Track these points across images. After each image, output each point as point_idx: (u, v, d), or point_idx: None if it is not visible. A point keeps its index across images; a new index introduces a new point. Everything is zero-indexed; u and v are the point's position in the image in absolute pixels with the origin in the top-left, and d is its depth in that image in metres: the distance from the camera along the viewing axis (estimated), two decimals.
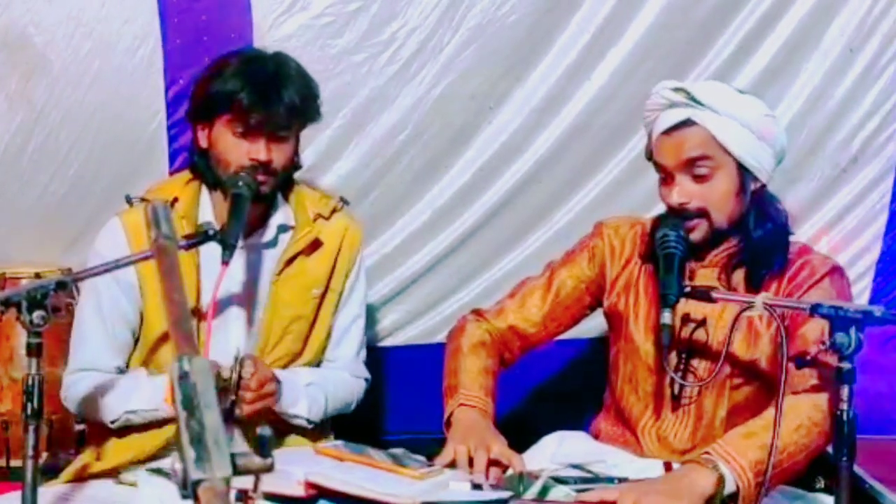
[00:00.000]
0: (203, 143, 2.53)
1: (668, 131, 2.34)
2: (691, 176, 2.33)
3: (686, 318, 2.42)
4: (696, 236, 2.35)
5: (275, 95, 2.44)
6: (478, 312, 2.66)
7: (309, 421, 2.56)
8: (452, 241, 3.33)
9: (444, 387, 2.50)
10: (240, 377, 2.33)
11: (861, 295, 3.32)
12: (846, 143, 3.32)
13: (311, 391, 2.57)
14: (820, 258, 2.46)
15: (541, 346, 2.65)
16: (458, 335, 2.60)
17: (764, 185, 2.40)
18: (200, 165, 2.55)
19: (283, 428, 2.54)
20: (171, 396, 2.38)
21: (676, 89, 2.33)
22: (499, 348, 2.59)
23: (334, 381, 2.66)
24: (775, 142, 2.37)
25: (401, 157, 3.26)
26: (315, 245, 2.61)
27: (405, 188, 3.29)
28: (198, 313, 2.46)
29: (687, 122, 2.32)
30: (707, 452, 2.15)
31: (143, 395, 2.47)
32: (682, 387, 2.44)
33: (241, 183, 2.42)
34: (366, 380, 2.77)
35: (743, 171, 2.35)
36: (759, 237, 2.39)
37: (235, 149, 2.46)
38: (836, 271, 2.42)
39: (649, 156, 2.43)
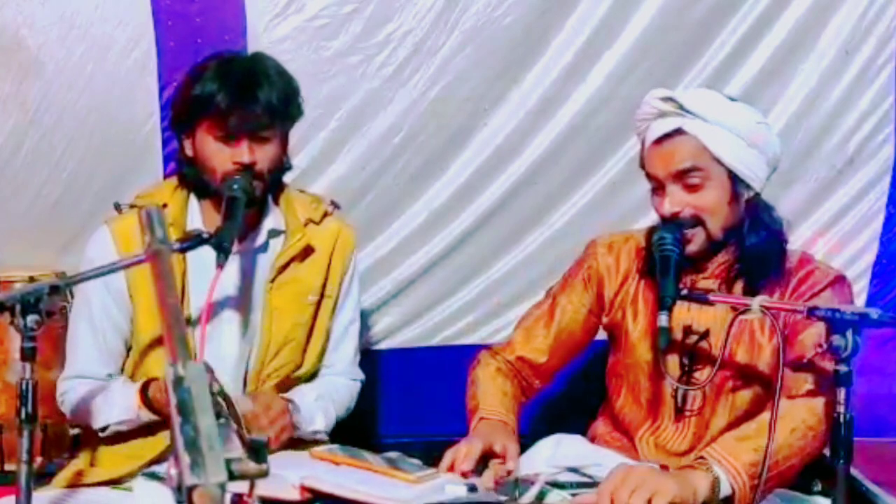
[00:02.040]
0: (188, 152, 2.50)
1: (659, 141, 2.33)
2: (683, 185, 2.32)
3: (689, 329, 2.42)
4: (692, 248, 2.34)
5: (251, 95, 2.41)
6: (489, 349, 2.67)
7: (326, 433, 2.57)
8: (449, 244, 3.33)
9: (467, 412, 2.51)
10: (237, 416, 2.30)
11: (858, 297, 3.31)
12: (842, 144, 3.32)
13: (322, 404, 2.58)
14: (823, 268, 2.45)
15: (557, 371, 2.64)
16: (474, 369, 2.61)
17: (758, 194, 2.39)
18: (189, 175, 2.52)
19: (302, 446, 2.52)
20: (141, 401, 2.39)
21: (666, 98, 2.32)
22: (516, 376, 2.59)
23: (335, 388, 2.66)
24: (767, 149, 2.35)
25: (396, 160, 3.25)
26: (307, 251, 2.59)
27: (401, 191, 3.29)
28: (186, 320, 2.44)
29: (677, 132, 2.31)
30: (702, 456, 2.15)
31: (119, 406, 2.46)
32: (685, 397, 2.44)
33: (235, 186, 2.40)
34: (361, 381, 2.77)
35: (735, 180, 2.33)
36: (753, 244, 2.38)
37: (218, 154, 2.43)
38: (840, 281, 2.42)
39: (643, 164, 2.42)
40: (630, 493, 1.99)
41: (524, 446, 2.47)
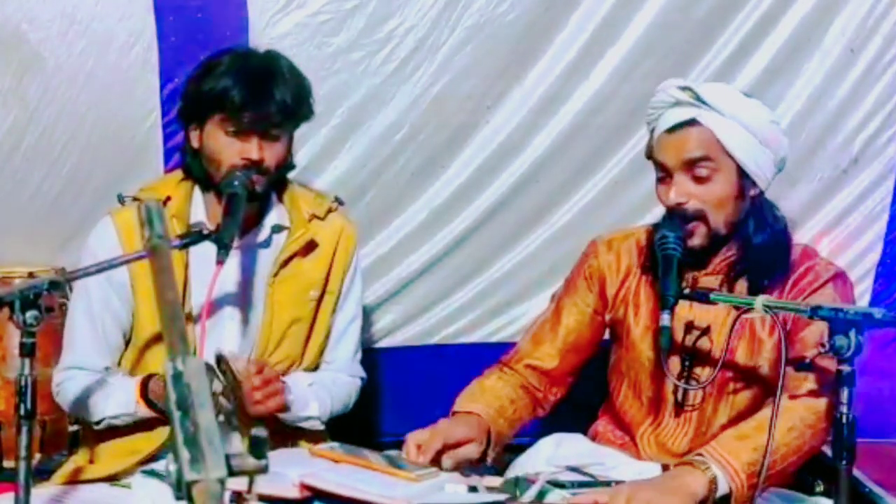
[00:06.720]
0: (195, 144, 2.50)
1: (672, 130, 2.33)
2: (691, 176, 2.32)
3: (690, 326, 2.41)
4: (694, 242, 2.33)
5: (266, 94, 2.41)
6: (498, 361, 2.63)
7: (321, 421, 2.55)
8: (449, 242, 3.32)
9: None
10: (233, 375, 2.31)
11: (862, 297, 3.30)
12: (847, 144, 3.31)
13: (317, 391, 2.56)
14: (823, 263, 2.45)
15: (570, 375, 2.60)
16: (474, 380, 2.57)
17: (762, 192, 2.38)
18: (193, 167, 2.53)
19: (294, 434, 2.52)
20: (140, 396, 2.39)
21: (683, 88, 2.31)
22: (523, 386, 2.55)
23: (333, 381, 2.65)
24: (778, 148, 2.36)
25: (397, 157, 3.24)
26: (310, 246, 2.59)
27: (402, 188, 3.28)
28: (187, 315, 2.44)
29: (691, 122, 2.31)
30: (700, 454, 2.16)
31: (117, 399, 2.46)
32: (685, 393, 2.43)
33: (236, 182, 2.40)
34: (361, 379, 2.76)
35: (742, 176, 2.33)
36: (759, 243, 2.37)
37: (227, 148, 2.43)
38: (840, 277, 2.41)
39: (649, 154, 2.41)
40: None
41: (524, 446, 2.46)
